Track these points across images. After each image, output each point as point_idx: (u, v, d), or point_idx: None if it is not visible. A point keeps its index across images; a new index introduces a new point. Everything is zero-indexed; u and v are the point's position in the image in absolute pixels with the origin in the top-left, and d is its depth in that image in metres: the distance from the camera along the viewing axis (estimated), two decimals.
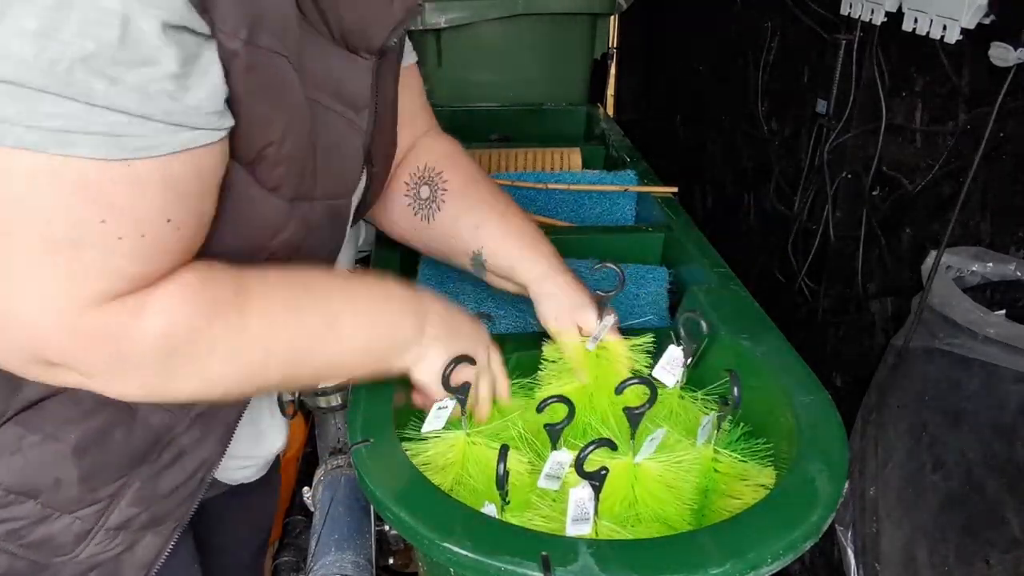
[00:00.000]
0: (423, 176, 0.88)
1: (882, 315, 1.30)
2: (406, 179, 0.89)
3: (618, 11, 1.81)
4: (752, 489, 0.72)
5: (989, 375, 0.99)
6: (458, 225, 0.87)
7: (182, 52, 0.49)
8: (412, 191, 0.89)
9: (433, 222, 0.88)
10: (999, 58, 0.94)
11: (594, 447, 0.62)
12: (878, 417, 1.16)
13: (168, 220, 0.53)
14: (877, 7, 1.08)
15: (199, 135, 0.52)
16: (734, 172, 1.75)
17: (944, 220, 1.13)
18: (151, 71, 0.48)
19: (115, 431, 0.65)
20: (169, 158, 0.51)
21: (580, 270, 1.08)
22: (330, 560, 1.01)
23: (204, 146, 0.53)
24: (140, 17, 0.46)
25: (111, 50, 0.46)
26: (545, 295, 0.84)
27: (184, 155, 0.52)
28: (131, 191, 0.50)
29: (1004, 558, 1.02)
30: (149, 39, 0.47)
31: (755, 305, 0.91)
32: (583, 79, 1.82)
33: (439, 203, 0.87)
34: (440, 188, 0.88)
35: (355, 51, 0.66)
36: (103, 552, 0.68)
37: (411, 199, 0.89)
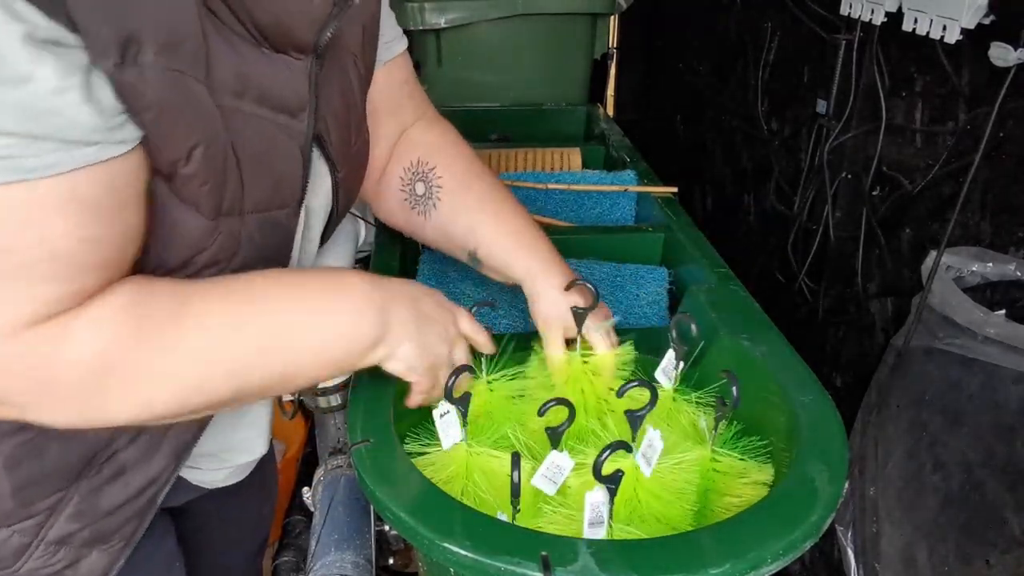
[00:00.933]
0: (416, 172, 0.87)
1: (882, 315, 1.30)
2: (400, 174, 0.88)
3: (618, 11, 1.81)
4: (752, 487, 0.72)
5: (989, 375, 0.99)
6: (455, 224, 0.87)
7: (59, 66, 0.46)
8: (407, 187, 0.88)
9: (430, 219, 0.88)
10: (999, 58, 0.94)
11: (610, 452, 0.62)
12: (878, 417, 1.16)
13: (81, 238, 0.50)
14: (877, 7, 1.08)
15: (100, 149, 0.49)
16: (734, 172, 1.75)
17: (944, 220, 1.13)
18: (28, 88, 0.45)
19: (50, 444, 0.63)
20: (73, 175, 0.48)
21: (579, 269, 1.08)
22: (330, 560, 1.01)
23: (112, 159, 0.50)
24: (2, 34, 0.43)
25: None
26: (538, 294, 0.83)
27: (89, 170, 0.49)
28: (35, 213, 0.48)
29: (1004, 558, 1.02)
30: (16, 55, 0.44)
31: (755, 305, 0.91)
32: (583, 79, 1.82)
33: (435, 200, 0.87)
34: (435, 185, 0.87)
35: (283, 51, 0.61)
36: (45, 567, 0.67)
37: (407, 195, 0.88)
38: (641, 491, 0.70)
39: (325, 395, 1.22)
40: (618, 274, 1.06)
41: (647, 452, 0.68)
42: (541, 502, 0.71)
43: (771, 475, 0.73)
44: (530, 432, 0.79)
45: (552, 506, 0.70)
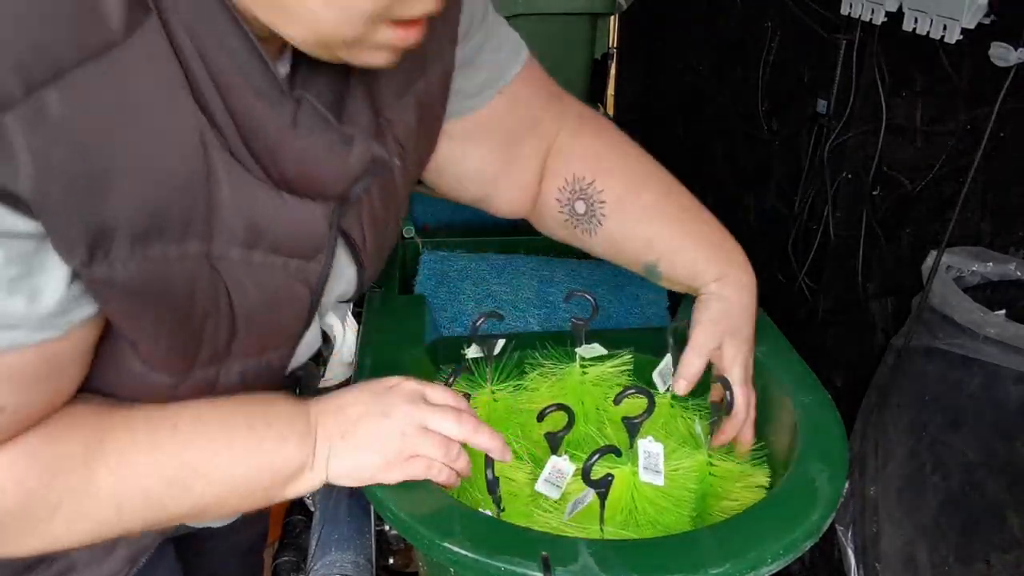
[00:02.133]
0: (575, 190, 0.79)
1: (882, 315, 1.30)
2: (556, 195, 0.80)
3: (618, 11, 1.81)
4: (749, 491, 0.72)
5: (989, 375, 0.99)
6: (626, 240, 0.79)
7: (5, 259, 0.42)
8: (566, 207, 0.80)
9: (596, 236, 0.80)
10: (999, 58, 0.94)
11: (599, 456, 0.62)
12: (878, 417, 1.16)
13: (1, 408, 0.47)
14: (877, 7, 1.08)
15: (22, 335, 0.46)
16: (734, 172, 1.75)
17: (944, 220, 1.13)
18: None
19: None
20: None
21: (579, 270, 1.08)
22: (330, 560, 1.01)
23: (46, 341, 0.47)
24: None
25: None
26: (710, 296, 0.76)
27: (10, 352, 0.46)
28: None
29: (1004, 558, 1.02)
30: None
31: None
32: (583, 79, 1.82)
33: (599, 218, 0.78)
34: (597, 202, 0.78)
35: (306, 198, 0.55)
36: None
37: (567, 215, 0.80)
38: (639, 498, 0.70)
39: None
40: (618, 274, 1.06)
41: (649, 463, 0.68)
42: (535, 508, 0.71)
43: (768, 477, 0.73)
44: (533, 442, 0.79)
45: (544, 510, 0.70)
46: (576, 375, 0.81)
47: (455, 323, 0.98)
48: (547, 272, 1.07)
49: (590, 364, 0.82)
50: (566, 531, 0.66)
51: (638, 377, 0.83)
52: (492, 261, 1.08)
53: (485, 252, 1.10)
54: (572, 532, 0.66)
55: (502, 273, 1.06)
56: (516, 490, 0.72)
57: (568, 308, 1.00)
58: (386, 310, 0.90)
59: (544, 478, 0.69)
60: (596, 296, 0.84)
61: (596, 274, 1.07)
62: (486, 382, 0.80)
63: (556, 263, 1.09)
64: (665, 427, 0.80)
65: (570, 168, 0.79)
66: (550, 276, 1.06)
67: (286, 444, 0.60)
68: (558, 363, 0.83)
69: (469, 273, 1.06)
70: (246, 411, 0.60)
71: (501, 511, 0.68)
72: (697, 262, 0.77)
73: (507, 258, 1.09)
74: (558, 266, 1.09)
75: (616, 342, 0.84)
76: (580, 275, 1.07)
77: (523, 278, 1.06)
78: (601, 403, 0.82)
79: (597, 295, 1.04)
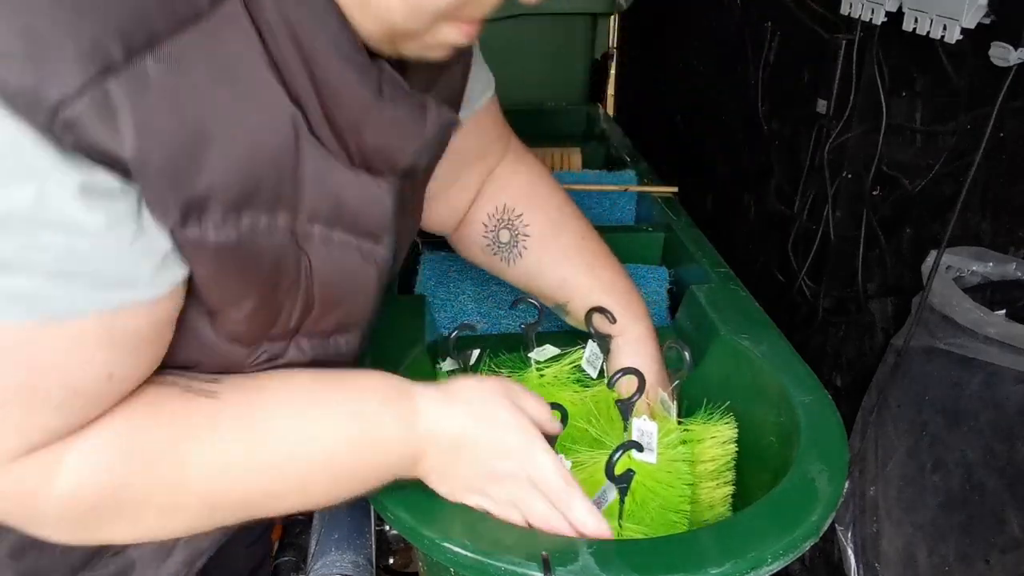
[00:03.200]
0: (501, 219, 0.83)
1: (882, 315, 1.30)
2: (484, 220, 0.84)
3: (618, 11, 1.81)
4: (720, 446, 0.74)
5: (989, 375, 0.99)
6: (542, 276, 0.83)
7: (111, 214, 0.44)
8: (491, 234, 0.84)
9: (513, 267, 0.84)
10: (999, 58, 0.94)
11: (622, 452, 0.62)
12: (878, 417, 1.16)
13: (109, 375, 0.48)
14: (877, 7, 1.08)
15: (140, 291, 0.47)
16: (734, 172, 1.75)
17: (944, 220, 1.13)
18: (74, 234, 0.43)
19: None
20: (107, 316, 0.46)
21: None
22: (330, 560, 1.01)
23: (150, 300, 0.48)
24: (56, 179, 0.42)
25: (25, 211, 0.41)
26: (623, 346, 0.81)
27: (125, 311, 0.47)
28: (57, 353, 0.46)
29: (1004, 558, 1.01)
30: (68, 204, 0.42)
31: (755, 305, 0.91)
32: (583, 79, 1.82)
33: (520, 250, 0.83)
34: (521, 234, 0.82)
35: (378, 174, 0.57)
36: None
37: (490, 241, 0.84)
38: (646, 479, 0.70)
39: None
40: None
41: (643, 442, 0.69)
42: None
43: (734, 431, 0.74)
44: None
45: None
46: (534, 378, 0.82)
47: (455, 323, 0.98)
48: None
49: (545, 365, 0.83)
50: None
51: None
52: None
53: None
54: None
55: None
56: None
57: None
58: (386, 310, 0.90)
59: None
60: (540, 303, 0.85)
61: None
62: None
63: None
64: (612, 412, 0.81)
65: (503, 197, 0.83)
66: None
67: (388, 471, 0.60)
68: (513, 370, 0.85)
69: (469, 273, 1.06)
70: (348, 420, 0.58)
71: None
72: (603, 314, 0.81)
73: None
74: None
75: (568, 342, 0.86)
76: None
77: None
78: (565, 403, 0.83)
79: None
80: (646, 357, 0.81)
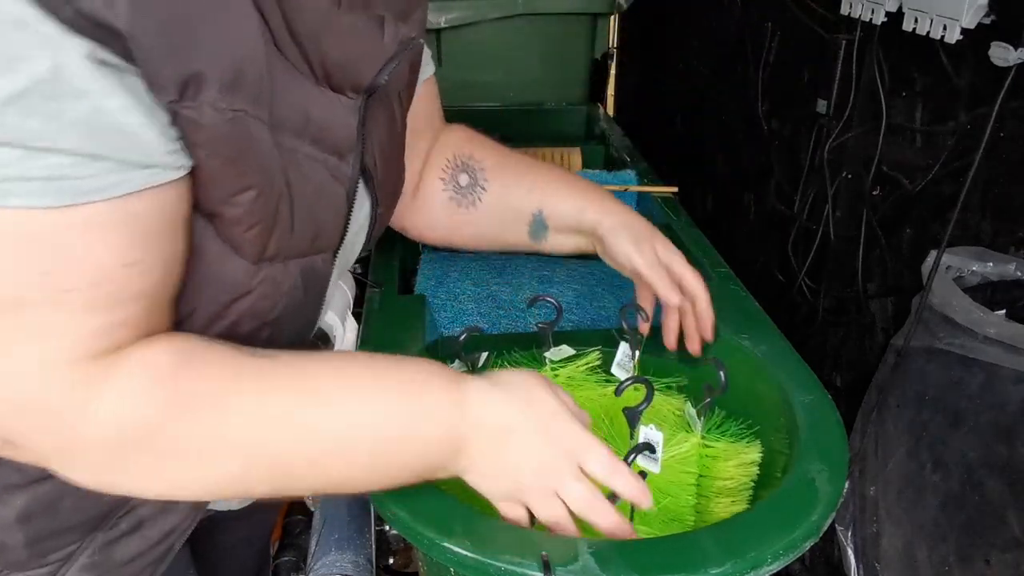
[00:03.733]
0: (457, 165, 0.87)
1: (882, 315, 1.30)
2: (439, 175, 0.88)
3: (618, 11, 1.81)
4: (742, 468, 0.73)
5: (989, 375, 0.99)
6: (510, 195, 0.86)
7: (121, 85, 0.44)
8: (450, 183, 0.88)
9: (481, 204, 0.87)
10: (999, 58, 0.94)
11: (636, 454, 0.62)
12: (878, 417, 1.16)
13: (126, 263, 0.48)
14: (877, 7, 1.08)
15: (157, 173, 0.47)
16: (734, 172, 1.75)
17: (944, 220, 1.13)
18: (89, 103, 0.43)
19: (64, 499, 0.61)
20: (127, 198, 0.46)
21: (578, 268, 1.08)
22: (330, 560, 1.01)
23: (166, 183, 0.48)
24: (65, 50, 0.42)
25: (43, 85, 0.41)
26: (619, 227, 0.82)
27: (144, 194, 0.47)
28: (81, 238, 0.45)
29: (1004, 558, 1.01)
30: (77, 70, 0.42)
31: (755, 305, 0.91)
32: (583, 79, 1.82)
33: (483, 183, 0.87)
34: (478, 169, 0.87)
35: (340, 90, 0.59)
36: None
37: (451, 191, 0.88)
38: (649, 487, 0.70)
39: None
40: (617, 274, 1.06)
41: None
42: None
43: (759, 453, 0.74)
44: None
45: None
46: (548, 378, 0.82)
47: (455, 323, 0.98)
48: (547, 272, 1.07)
49: (560, 365, 0.82)
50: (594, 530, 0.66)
51: (607, 372, 0.84)
52: (492, 261, 1.08)
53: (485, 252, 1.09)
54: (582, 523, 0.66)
55: (502, 273, 1.06)
56: None
57: (567, 309, 1.00)
58: (386, 310, 0.90)
59: None
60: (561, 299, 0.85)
61: (596, 275, 1.07)
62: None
63: (556, 263, 1.09)
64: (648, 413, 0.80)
65: (449, 151, 0.88)
66: (550, 276, 1.06)
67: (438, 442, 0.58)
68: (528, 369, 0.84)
69: (469, 273, 1.06)
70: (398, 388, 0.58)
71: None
72: (579, 201, 0.84)
73: (507, 258, 1.09)
74: (558, 266, 1.09)
75: (583, 342, 0.85)
76: (580, 275, 1.07)
77: (523, 278, 1.06)
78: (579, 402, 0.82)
79: (596, 295, 1.04)
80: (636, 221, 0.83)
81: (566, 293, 1.03)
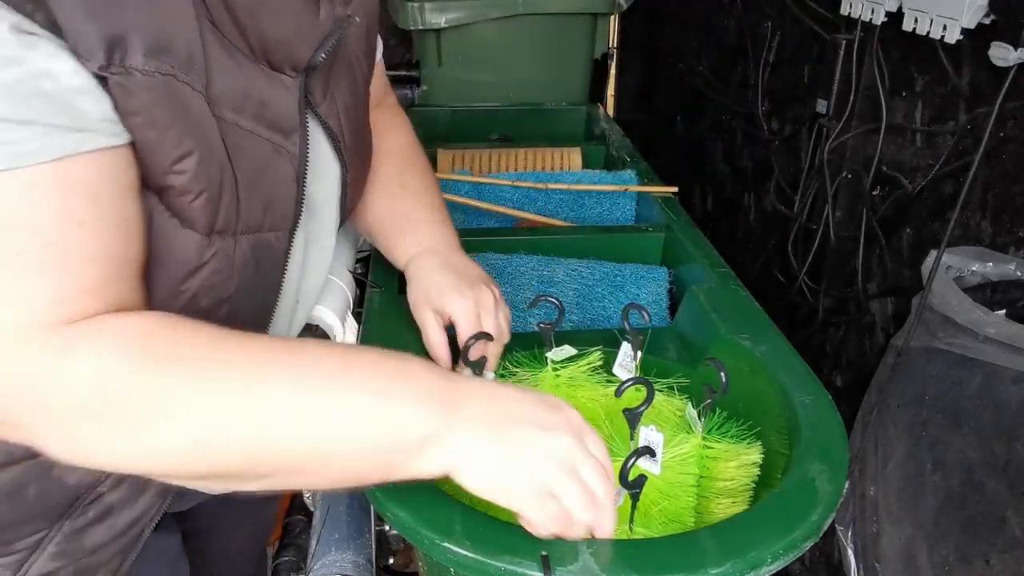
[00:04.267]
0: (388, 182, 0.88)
1: (882, 315, 1.30)
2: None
3: (618, 11, 1.81)
4: (743, 469, 0.73)
5: (989, 375, 0.99)
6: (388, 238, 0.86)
7: (50, 52, 0.46)
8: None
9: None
10: (999, 58, 0.94)
11: (636, 458, 0.62)
12: (878, 417, 1.16)
13: (78, 223, 0.48)
14: (877, 7, 1.08)
15: (97, 137, 0.49)
16: (734, 172, 1.75)
17: (944, 220, 1.13)
18: (19, 70, 0.45)
19: (28, 487, 0.61)
20: (66, 163, 0.47)
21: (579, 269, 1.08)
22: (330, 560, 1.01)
23: (111, 148, 0.50)
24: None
25: None
26: (411, 278, 0.82)
27: (88, 156, 0.48)
28: (25, 201, 0.46)
29: (1004, 558, 1.02)
30: (5, 37, 0.44)
31: (755, 305, 0.91)
32: (583, 79, 1.82)
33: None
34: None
35: (279, 69, 0.60)
36: None
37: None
38: (649, 489, 0.70)
39: None
40: (618, 274, 1.06)
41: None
42: None
43: (760, 455, 0.74)
44: None
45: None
46: (550, 378, 0.82)
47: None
48: (547, 272, 1.07)
49: (561, 365, 0.82)
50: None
51: (609, 372, 0.84)
52: (492, 261, 1.08)
53: (485, 252, 1.09)
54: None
55: (502, 273, 1.06)
56: None
57: (568, 308, 1.00)
58: (386, 310, 0.90)
59: None
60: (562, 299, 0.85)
61: (596, 274, 1.07)
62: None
63: (556, 263, 1.09)
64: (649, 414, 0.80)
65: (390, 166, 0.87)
66: (550, 276, 1.06)
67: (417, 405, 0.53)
68: (530, 369, 0.84)
69: None
70: (373, 362, 0.55)
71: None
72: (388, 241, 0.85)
73: (507, 258, 1.09)
74: (558, 266, 1.09)
75: (584, 342, 0.85)
76: (580, 275, 1.07)
77: (523, 278, 1.06)
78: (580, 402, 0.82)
79: (596, 295, 1.04)
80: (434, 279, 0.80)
81: (566, 293, 1.03)
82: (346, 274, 0.95)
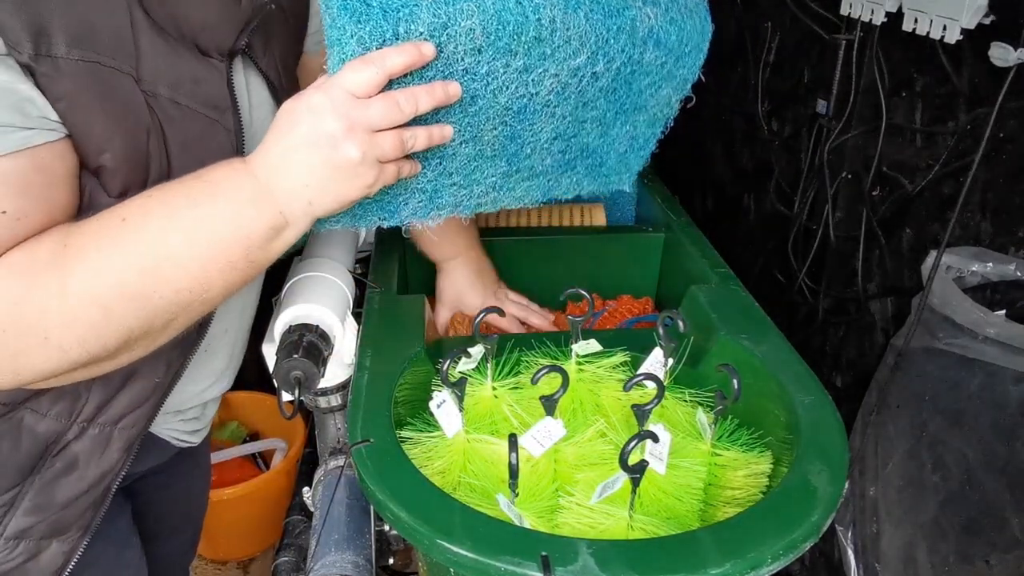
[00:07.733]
0: None
1: (882, 315, 1.30)
2: None
3: None
4: (751, 478, 0.72)
5: (989, 375, 0.99)
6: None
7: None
8: None
9: None
10: (999, 58, 0.94)
11: (637, 441, 0.62)
12: (878, 417, 1.16)
13: (3, 212, 0.53)
14: (877, 7, 1.08)
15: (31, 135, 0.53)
16: (734, 172, 1.75)
17: (944, 220, 1.13)
18: None
19: (2, 442, 0.65)
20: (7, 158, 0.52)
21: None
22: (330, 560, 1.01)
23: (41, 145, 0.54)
24: None
25: None
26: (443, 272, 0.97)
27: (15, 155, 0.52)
28: None
29: (1004, 558, 1.02)
30: None
31: (755, 305, 0.91)
32: None
33: None
34: None
35: (207, 53, 0.65)
36: (7, 561, 0.68)
37: None
38: (652, 488, 0.69)
39: (325, 395, 1.22)
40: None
41: (655, 450, 0.68)
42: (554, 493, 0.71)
43: (769, 465, 0.73)
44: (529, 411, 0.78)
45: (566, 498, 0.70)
46: (573, 371, 0.82)
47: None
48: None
49: (586, 361, 0.82)
50: (592, 515, 0.66)
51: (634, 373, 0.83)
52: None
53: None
54: (599, 516, 0.66)
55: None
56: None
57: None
58: (386, 310, 0.90)
59: (531, 434, 0.69)
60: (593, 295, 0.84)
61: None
62: (486, 379, 0.80)
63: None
64: (663, 418, 0.80)
65: None
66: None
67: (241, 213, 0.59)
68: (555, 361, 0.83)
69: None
70: (185, 190, 0.59)
71: (516, 495, 0.67)
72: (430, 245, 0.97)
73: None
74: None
75: (610, 341, 0.85)
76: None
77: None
78: (600, 399, 0.82)
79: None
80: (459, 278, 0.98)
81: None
82: (346, 274, 0.95)
